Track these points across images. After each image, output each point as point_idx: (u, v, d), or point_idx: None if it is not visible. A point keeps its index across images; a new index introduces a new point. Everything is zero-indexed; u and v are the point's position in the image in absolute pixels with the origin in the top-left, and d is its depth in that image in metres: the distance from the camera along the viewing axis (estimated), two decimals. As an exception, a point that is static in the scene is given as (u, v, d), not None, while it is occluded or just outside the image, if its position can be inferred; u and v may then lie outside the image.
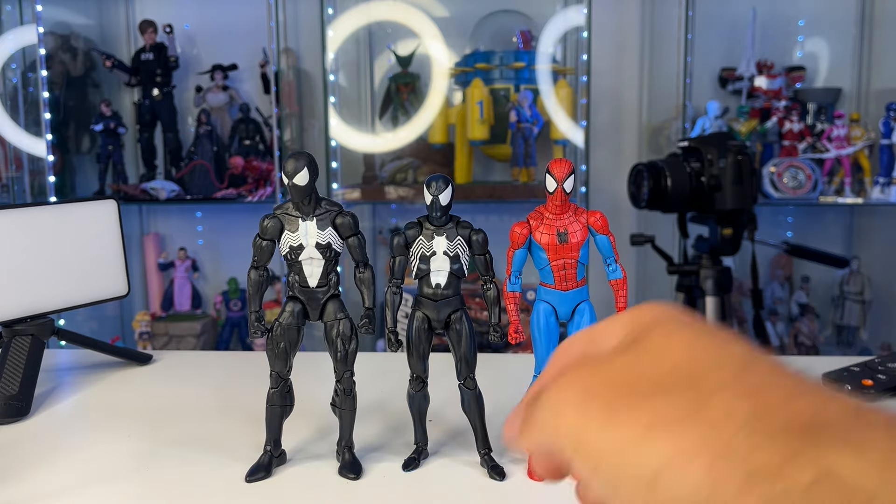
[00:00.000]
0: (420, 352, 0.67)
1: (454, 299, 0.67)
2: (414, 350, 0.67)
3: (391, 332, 0.67)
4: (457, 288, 0.67)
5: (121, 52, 2.49)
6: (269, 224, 0.66)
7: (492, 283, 0.68)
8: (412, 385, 0.69)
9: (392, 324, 0.67)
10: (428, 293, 0.66)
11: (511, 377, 0.93)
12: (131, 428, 0.80)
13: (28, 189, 2.38)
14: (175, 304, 2.47)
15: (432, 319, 0.67)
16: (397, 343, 0.67)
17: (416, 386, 0.69)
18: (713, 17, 2.31)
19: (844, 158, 2.19)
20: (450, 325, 0.67)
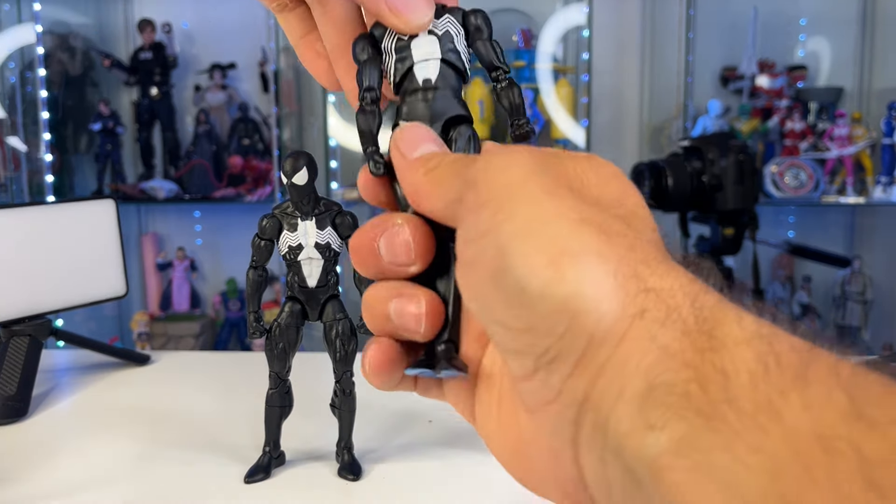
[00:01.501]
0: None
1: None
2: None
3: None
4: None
5: (119, 51, 2.48)
6: (267, 224, 0.65)
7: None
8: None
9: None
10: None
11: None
12: (130, 429, 0.79)
13: (26, 188, 2.37)
14: (173, 305, 2.46)
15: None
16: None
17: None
18: (714, 15, 2.30)
19: (846, 158, 2.19)
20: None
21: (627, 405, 0.19)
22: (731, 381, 0.18)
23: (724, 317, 0.19)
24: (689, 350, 0.19)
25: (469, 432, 0.77)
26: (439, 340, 0.27)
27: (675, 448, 0.18)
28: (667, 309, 0.20)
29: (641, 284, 0.20)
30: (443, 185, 0.24)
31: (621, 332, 0.20)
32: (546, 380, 0.21)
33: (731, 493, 0.17)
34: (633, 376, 0.19)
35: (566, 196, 0.22)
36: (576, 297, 0.20)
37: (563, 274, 0.20)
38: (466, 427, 0.83)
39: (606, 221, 0.21)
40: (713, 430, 0.17)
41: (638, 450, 0.18)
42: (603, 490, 0.21)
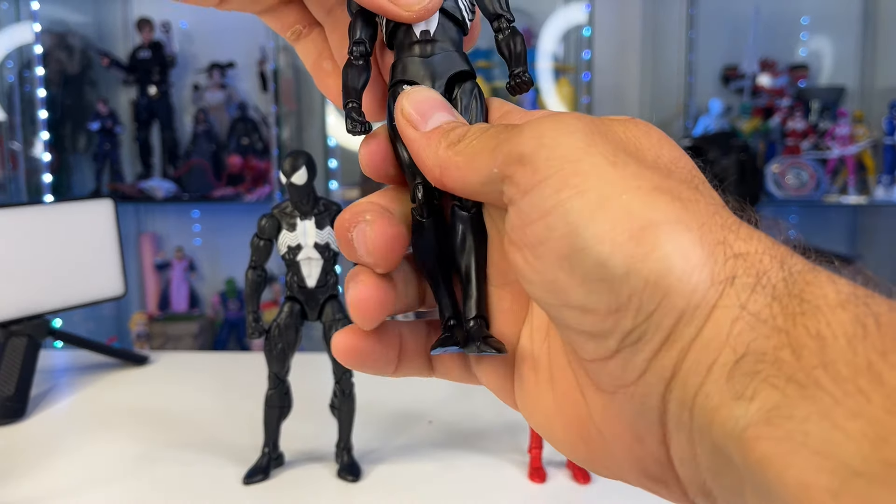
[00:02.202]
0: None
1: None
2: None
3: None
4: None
5: (118, 50, 2.48)
6: (266, 224, 0.65)
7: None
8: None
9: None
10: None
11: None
12: (128, 429, 0.79)
13: (24, 188, 2.37)
14: (172, 305, 2.46)
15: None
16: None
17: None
18: (716, 14, 2.30)
19: (848, 157, 2.18)
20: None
21: (716, 377, 0.18)
22: (826, 345, 0.17)
23: (815, 279, 0.18)
24: (780, 315, 0.18)
25: (469, 432, 0.77)
26: (468, 316, 0.25)
27: (765, 418, 0.17)
28: (756, 274, 0.19)
29: (729, 250, 0.19)
30: (477, 161, 0.22)
31: (712, 303, 0.18)
32: (629, 360, 0.19)
33: (830, 462, 0.16)
34: (723, 347, 0.18)
35: (630, 163, 0.20)
36: (666, 272, 0.19)
37: (649, 248, 0.19)
38: (466, 427, 0.83)
39: (676, 187, 0.20)
40: (807, 397, 0.16)
41: (725, 423, 0.17)
42: (691, 468, 0.19)
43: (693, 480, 0.20)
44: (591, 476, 0.67)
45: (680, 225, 0.19)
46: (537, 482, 0.67)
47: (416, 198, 0.26)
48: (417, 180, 0.25)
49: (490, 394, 0.84)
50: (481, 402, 0.86)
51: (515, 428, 0.76)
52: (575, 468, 0.67)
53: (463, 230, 0.25)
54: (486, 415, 0.82)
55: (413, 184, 0.26)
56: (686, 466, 0.20)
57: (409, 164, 0.26)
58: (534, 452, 0.68)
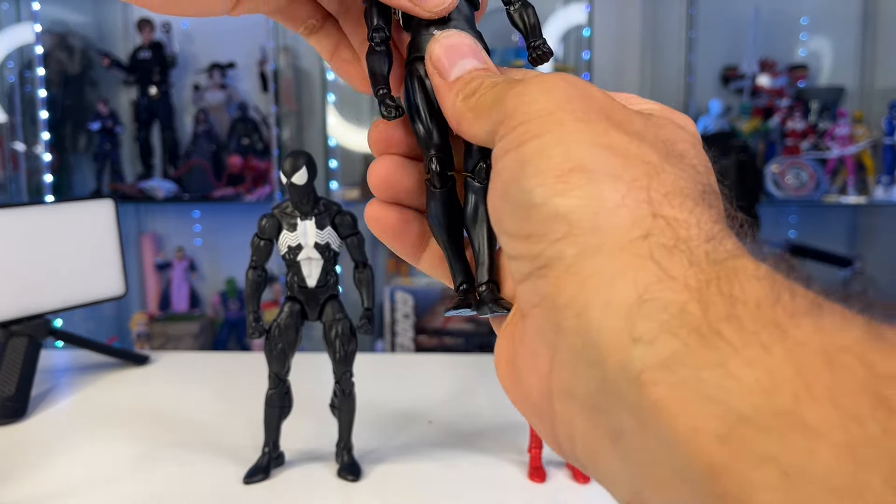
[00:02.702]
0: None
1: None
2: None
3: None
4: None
5: (118, 50, 2.48)
6: (267, 223, 0.65)
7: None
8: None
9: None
10: None
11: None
12: (128, 429, 0.79)
13: (24, 188, 2.37)
14: (172, 305, 2.46)
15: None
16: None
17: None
18: (715, 14, 2.30)
19: (847, 157, 2.18)
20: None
21: (614, 315, 0.19)
22: (736, 304, 0.17)
23: (739, 255, 0.19)
24: (692, 277, 0.18)
25: (469, 432, 0.77)
26: (480, 281, 0.26)
27: (661, 363, 0.17)
28: (676, 238, 0.19)
29: (652, 210, 0.20)
30: (482, 114, 0.24)
31: (618, 248, 0.19)
32: (536, 283, 0.21)
33: (720, 409, 0.16)
34: (625, 289, 0.19)
35: (598, 122, 0.22)
36: (576, 208, 0.20)
37: (569, 187, 0.20)
38: (466, 427, 0.83)
39: (636, 150, 0.21)
40: (708, 347, 0.17)
41: (622, 362, 0.18)
42: (567, 402, 0.20)
43: (565, 418, 0.21)
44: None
45: (607, 176, 0.20)
46: (537, 482, 0.67)
47: (430, 169, 0.27)
48: (431, 152, 0.27)
49: (490, 394, 0.84)
50: (481, 402, 0.86)
51: (515, 428, 0.76)
52: (575, 468, 0.68)
53: (475, 200, 0.27)
54: (486, 415, 0.82)
55: (427, 155, 0.27)
56: (563, 400, 0.20)
57: (423, 138, 0.27)
58: (534, 452, 0.68)
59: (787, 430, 0.15)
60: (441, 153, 0.27)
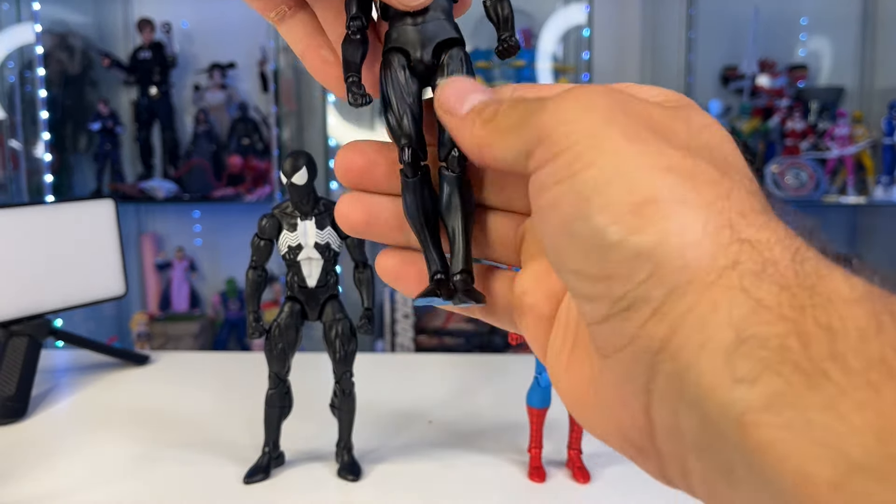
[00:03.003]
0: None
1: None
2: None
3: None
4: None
5: (118, 50, 2.48)
6: (267, 224, 0.65)
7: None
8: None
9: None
10: None
11: (511, 379, 0.92)
12: (129, 429, 0.79)
13: (25, 188, 2.37)
14: (173, 305, 2.46)
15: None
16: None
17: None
18: (715, 14, 2.30)
19: (847, 158, 2.18)
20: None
21: (711, 356, 0.18)
22: (837, 337, 0.16)
23: (828, 274, 0.18)
24: (786, 305, 0.17)
25: (469, 432, 0.77)
26: (454, 271, 0.27)
27: (766, 404, 0.16)
28: (763, 262, 0.18)
29: (735, 235, 0.19)
30: (508, 135, 0.23)
31: (708, 282, 0.18)
32: (620, 326, 0.20)
33: (832, 454, 0.15)
34: (721, 327, 0.18)
35: (650, 141, 0.20)
36: (657, 245, 0.19)
37: (646, 222, 0.19)
38: (466, 427, 0.83)
39: (697, 167, 0.20)
40: (813, 387, 0.16)
41: (723, 404, 0.17)
42: (673, 441, 0.20)
43: (674, 456, 0.20)
44: (591, 476, 0.67)
45: (683, 204, 0.19)
46: (537, 482, 0.67)
47: (404, 159, 0.27)
48: (403, 142, 0.27)
49: (490, 394, 0.84)
50: (481, 402, 0.86)
51: (515, 428, 0.76)
52: (575, 468, 0.68)
53: (449, 191, 0.27)
54: (486, 415, 0.82)
55: (400, 145, 0.27)
56: (669, 440, 0.20)
57: (395, 128, 0.27)
58: (533, 452, 0.68)
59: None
60: (412, 143, 0.27)
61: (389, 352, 2.20)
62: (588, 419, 0.23)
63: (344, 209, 0.28)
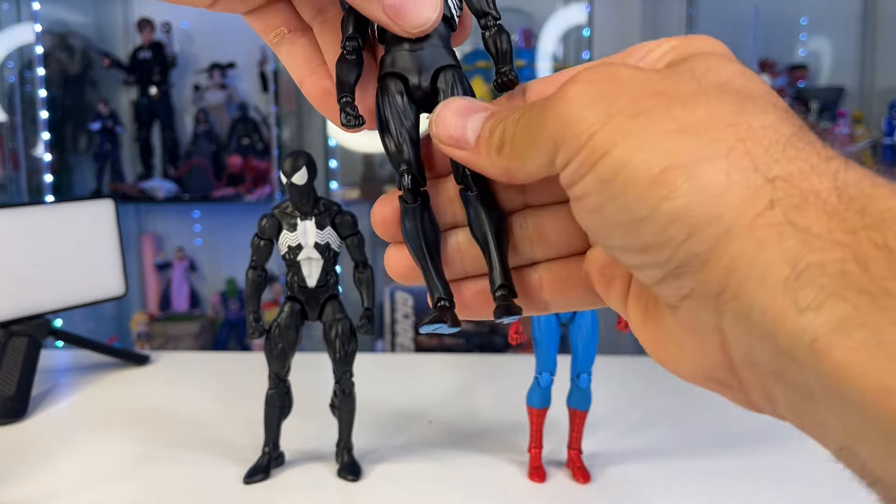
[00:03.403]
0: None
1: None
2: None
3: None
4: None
5: (118, 50, 2.48)
6: (267, 224, 0.65)
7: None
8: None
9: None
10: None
11: (511, 379, 0.92)
12: (129, 429, 0.79)
13: (25, 188, 2.37)
14: (173, 305, 2.46)
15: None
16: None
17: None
18: (715, 14, 2.30)
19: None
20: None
21: (771, 290, 0.18)
22: (895, 255, 0.17)
23: (875, 192, 0.18)
24: (838, 230, 0.18)
25: (469, 432, 0.77)
26: (493, 287, 0.26)
27: (836, 328, 0.17)
28: (801, 193, 0.19)
29: (764, 175, 0.19)
30: (528, 156, 0.23)
31: (747, 225, 0.19)
32: (676, 282, 0.21)
33: None
34: (775, 262, 0.18)
35: (655, 109, 0.21)
36: (688, 206, 0.19)
37: (670, 189, 0.20)
38: (466, 427, 0.83)
39: (710, 117, 0.20)
40: (880, 308, 0.17)
41: (792, 333, 0.18)
42: (752, 371, 0.20)
43: (756, 384, 0.21)
44: (591, 476, 0.67)
45: (700, 161, 0.20)
46: (537, 482, 0.67)
47: (403, 185, 0.27)
48: (402, 168, 0.27)
49: (490, 394, 0.84)
50: (481, 402, 0.86)
51: (515, 428, 0.76)
52: (575, 468, 0.68)
53: (474, 210, 0.27)
54: (486, 415, 0.82)
55: (399, 171, 0.27)
56: (748, 370, 0.20)
57: (394, 153, 0.27)
58: (533, 452, 0.68)
59: None
60: (412, 169, 0.26)
61: (389, 352, 2.20)
62: (671, 366, 0.24)
63: (390, 259, 0.29)
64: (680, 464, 0.69)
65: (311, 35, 0.29)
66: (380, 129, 0.27)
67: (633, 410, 0.83)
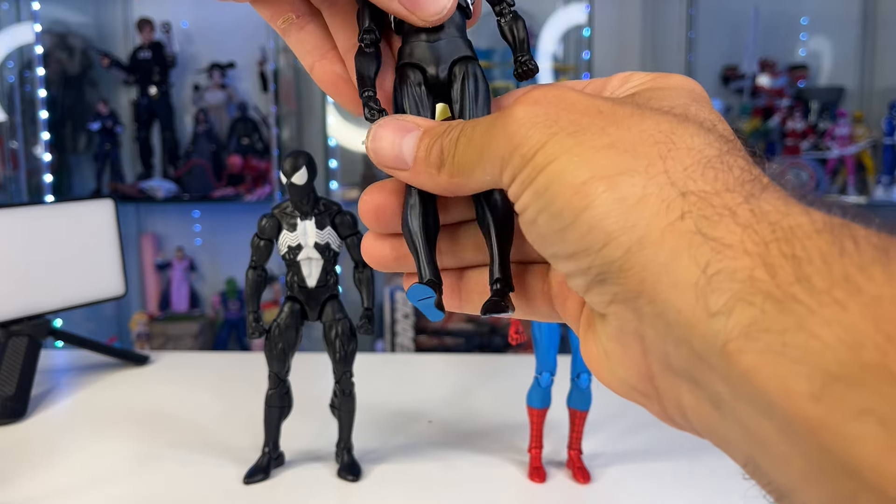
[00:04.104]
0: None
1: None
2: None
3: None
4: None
5: (118, 50, 2.48)
6: (267, 223, 0.65)
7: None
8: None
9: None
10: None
11: (511, 379, 0.92)
12: (128, 429, 0.79)
13: (24, 188, 2.37)
14: (172, 305, 2.46)
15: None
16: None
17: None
18: (715, 14, 2.30)
19: (848, 157, 2.18)
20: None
21: (683, 294, 0.19)
22: (801, 264, 0.18)
23: (787, 210, 0.19)
24: (749, 241, 0.19)
25: (469, 432, 0.77)
26: (491, 279, 0.27)
27: (744, 332, 0.18)
28: (712, 208, 0.20)
29: (678, 189, 0.20)
30: (473, 175, 0.24)
31: (659, 234, 0.20)
32: (600, 289, 0.22)
33: (809, 369, 0.16)
34: (685, 268, 0.19)
35: (591, 127, 0.22)
36: (604, 215, 0.21)
37: (590, 199, 0.21)
38: (466, 427, 0.82)
39: (641, 135, 0.22)
40: (784, 311, 0.17)
41: (704, 336, 0.19)
42: (669, 380, 0.21)
43: (670, 393, 0.21)
44: (591, 476, 0.67)
45: (621, 174, 0.21)
46: (537, 482, 0.67)
47: None
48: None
49: (490, 394, 0.84)
50: (481, 402, 0.86)
51: (515, 428, 0.76)
52: (575, 468, 0.68)
53: (481, 203, 0.27)
54: (486, 415, 0.82)
55: None
56: (665, 379, 0.21)
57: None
58: (534, 452, 0.68)
59: (877, 382, 0.16)
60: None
61: (389, 352, 2.20)
62: (607, 378, 0.25)
63: (368, 247, 0.29)
64: (680, 464, 0.69)
65: (320, 20, 0.29)
66: (394, 108, 0.27)
67: (633, 410, 0.83)
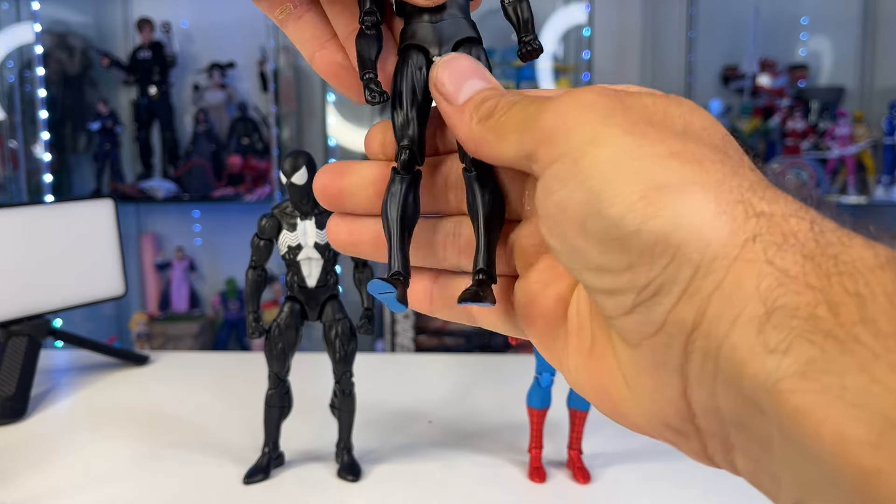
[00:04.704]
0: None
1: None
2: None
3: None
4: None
5: (118, 50, 2.48)
6: (266, 223, 0.65)
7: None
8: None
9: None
10: None
11: (511, 379, 0.92)
12: (128, 429, 0.79)
13: (24, 188, 2.37)
14: (172, 305, 2.46)
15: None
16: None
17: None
18: (715, 14, 2.30)
19: (848, 157, 2.18)
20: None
21: (743, 330, 0.18)
22: (866, 303, 0.17)
23: (850, 241, 0.18)
24: (812, 274, 0.18)
25: (469, 432, 0.77)
26: (474, 269, 0.26)
27: (800, 371, 0.17)
28: (782, 233, 0.19)
29: (750, 210, 0.19)
30: (507, 139, 0.23)
31: (732, 257, 0.19)
32: (647, 314, 0.20)
33: (868, 414, 0.16)
34: (749, 300, 0.18)
35: (649, 132, 0.21)
36: (675, 228, 0.19)
37: (658, 207, 0.19)
38: (466, 427, 0.83)
39: (699, 151, 0.20)
40: (846, 352, 0.16)
41: (757, 375, 0.18)
42: (713, 420, 0.20)
43: (715, 434, 0.20)
44: (591, 476, 0.67)
45: (693, 185, 0.19)
46: (537, 482, 0.67)
47: (401, 159, 0.27)
48: (404, 143, 0.27)
49: (490, 394, 0.84)
50: (481, 402, 0.86)
51: (515, 428, 0.76)
52: (575, 468, 0.68)
53: (473, 191, 0.27)
54: (486, 415, 0.82)
55: (400, 145, 0.27)
56: (708, 419, 0.20)
57: (400, 127, 0.27)
58: (534, 452, 0.68)
59: None
60: (413, 146, 0.26)
61: (389, 352, 2.20)
62: (621, 412, 0.23)
63: (332, 229, 0.29)
64: (680, 464, 0.68)
65: (318, 9, 0.29)
66: (392, 101, 0.27)
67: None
